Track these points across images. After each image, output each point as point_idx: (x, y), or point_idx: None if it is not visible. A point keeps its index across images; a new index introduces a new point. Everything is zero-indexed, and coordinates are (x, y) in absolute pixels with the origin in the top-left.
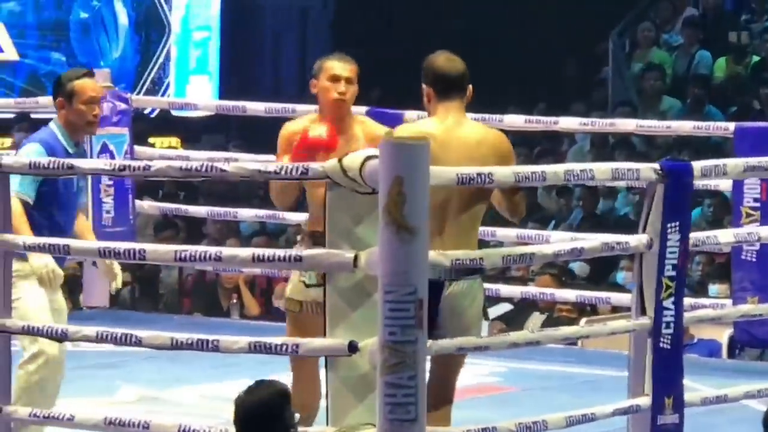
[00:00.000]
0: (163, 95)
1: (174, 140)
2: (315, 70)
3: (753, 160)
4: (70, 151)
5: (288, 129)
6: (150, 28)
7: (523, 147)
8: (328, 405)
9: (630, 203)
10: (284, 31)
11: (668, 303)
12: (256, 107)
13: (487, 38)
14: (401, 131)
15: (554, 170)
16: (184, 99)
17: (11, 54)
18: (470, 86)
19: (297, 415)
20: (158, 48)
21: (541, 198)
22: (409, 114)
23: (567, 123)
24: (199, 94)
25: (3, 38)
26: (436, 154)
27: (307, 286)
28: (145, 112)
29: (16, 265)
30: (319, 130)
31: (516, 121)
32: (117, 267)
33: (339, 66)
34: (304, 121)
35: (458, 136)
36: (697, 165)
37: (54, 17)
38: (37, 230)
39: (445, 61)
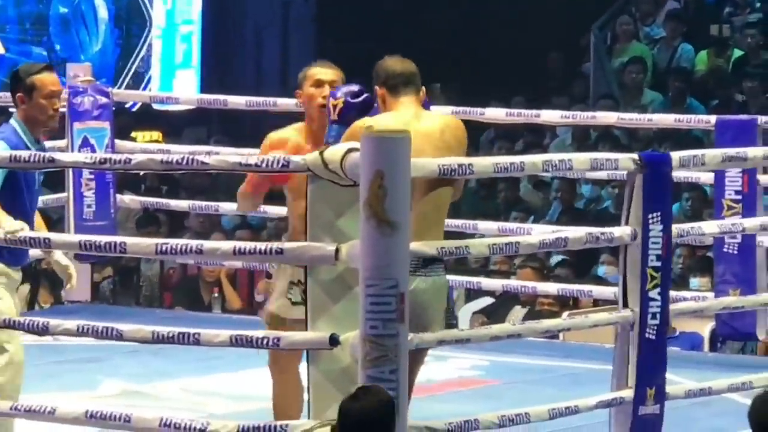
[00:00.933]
0: (144, 89)
1: (156, 134)
2: (299, 79)
3: (731, 151)
4: (32, 148)
5: (273, 138)
6: (131, 22)
7: (506, 141)
8: (309, 398)
9: (611, 196)
10: (266, 25)
11: (654, 294)
12: (238, 101)
13: (469, 32)
14: (354, 128)
15: (532, 160)
16: (167, 93)
17: None
18: (423, 88)
19: None
20: (139, 42)
21: (524, 191)
22: None
23: (548, 116)
24: (186, 88)
25: None
26: None
27: (293, 303)
28: (127, 106)
29: None
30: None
31: (497, 114)
32: (72, 268)
33: (322, 71)
34: (290, 131)
35: (417, 129)
36: (676, 155)
37: (35, 11)
38: None
39: (395, 61)
